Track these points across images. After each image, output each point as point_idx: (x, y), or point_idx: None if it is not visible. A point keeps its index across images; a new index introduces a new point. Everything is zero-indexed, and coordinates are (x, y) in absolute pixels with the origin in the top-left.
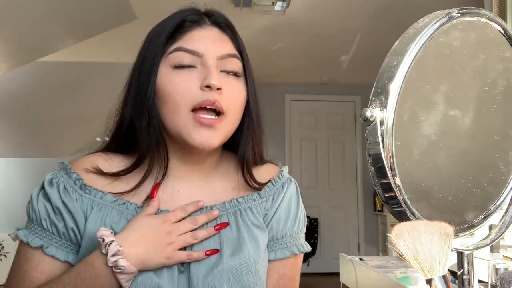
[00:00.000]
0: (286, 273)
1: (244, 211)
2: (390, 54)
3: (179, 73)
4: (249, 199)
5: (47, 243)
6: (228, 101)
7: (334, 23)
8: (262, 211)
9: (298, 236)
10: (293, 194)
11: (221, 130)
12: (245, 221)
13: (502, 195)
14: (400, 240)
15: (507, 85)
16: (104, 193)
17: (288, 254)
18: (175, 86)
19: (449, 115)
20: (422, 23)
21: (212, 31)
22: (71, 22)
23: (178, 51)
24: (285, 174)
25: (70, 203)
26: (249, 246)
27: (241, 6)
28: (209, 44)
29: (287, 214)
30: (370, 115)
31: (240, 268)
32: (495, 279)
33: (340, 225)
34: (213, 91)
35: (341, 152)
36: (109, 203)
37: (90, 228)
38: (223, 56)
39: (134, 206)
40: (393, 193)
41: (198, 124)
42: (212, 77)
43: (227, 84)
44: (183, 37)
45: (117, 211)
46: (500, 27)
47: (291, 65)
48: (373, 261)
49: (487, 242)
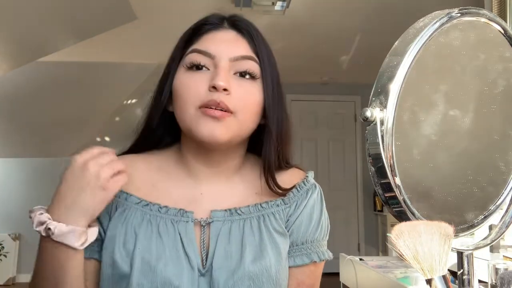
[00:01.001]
0: (305, 281)
1: (267, 216)
2: (390, 54)
3: (192, 74)
4: (273, 205)
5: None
6: (238, 103)
7: (334, 23)
8: (285, 217)
9: (320, 244)
10: (317, 201)
11: (228, 125)
12: (267, 227)
13: (502, 195)
14: (400, 240)
15: (507, 85)
16: (128, 194)
17: (307, 261)
18: (186, 87)
19: (449, 115)
20: (422, 23)
21: (228, 33)
22: (71, 22)
23: (192, 52)
24: (310, 180)
25: None
26: (270, 253)
27: (241, 6)
28: (221, 46)
29: (309, 220)
30: (370, 115)
31: (261, 275)
32: (495, 279)
33: (340, 225)
34: (219, 92)
35: (341, 152)
36: (133, 204)
37: (112, 228)
38: (237, 58)
39: (157, 207)
40: (393, 193)
41: (204, 116)
42: (219, 78)
43: (239, 86)
44: (199, 39)
45: (140, 212)
46: (500, 27)
47: (291, 65)
48: (373, 261)
49: (487, 242)
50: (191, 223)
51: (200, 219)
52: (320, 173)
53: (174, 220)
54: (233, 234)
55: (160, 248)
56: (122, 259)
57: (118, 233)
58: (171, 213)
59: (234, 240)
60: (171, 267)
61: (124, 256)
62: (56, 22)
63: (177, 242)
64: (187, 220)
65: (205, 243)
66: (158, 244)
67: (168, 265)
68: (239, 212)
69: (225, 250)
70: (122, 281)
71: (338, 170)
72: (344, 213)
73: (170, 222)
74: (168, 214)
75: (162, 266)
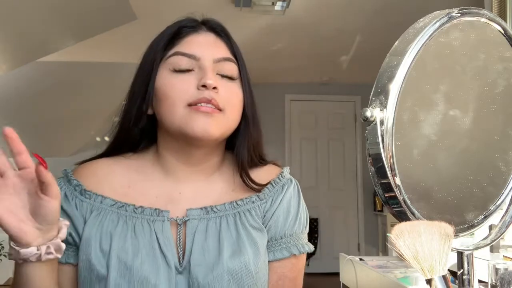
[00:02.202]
0: (286, 274)
1: (243, 213)
2: (390, 54)
3: (177, 75)
4: (248, 201)
5: None
6: (225, 100)
7: (334, 23)
8: (261, 213)
9: (299, 237)
10: (293, 194)
11: (219, 121)
12: (244, 224)
13: (502, 195)
14: (400, 240)
15: (507, 85)
16: (103, 197)
17: (287, 255)
18: (172, 86)
19: (449, 115)
20: (422, 23)
21: (208, 36)
22: (71, 22)
23: (176, 55)
24: (285, 175)
25: (69, 208)
26: (248, 249)
27: (241, 6)
28: (205, 48)
29: (286, 215)
30: (370, 115)
31: (240, 271)
32: (495, 279)
33: (340, 225)
34: (209, 89)
35: (341, 152)
36: (108, 206)
37: (87, 231)
38: (219, 59)
39: (132, 207)
40: (393, 193)
41: (196, 113)
42: (208, 77)
43: (223, 85)
44: (180, 42)
45: (116, 214)
46: (500, 27)
47: (291, 65)
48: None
49: (487, 242)
50: (167, 222)
51: (176, 218)
52: (320, 173)
53: (150, 219)
54: (210, 231)
55: (136, 248)
56: (98, 261)
57: (93, 235)
58: (147, 213)
59: (211, 237)
60: (147, 265)
61: (100, 257)
62: (56, 22)
63: (153, 241)
64: (163, 220)
65: (182, 241)
66: (133, 244)
67: (144, 264)
68: (215, 210)
69: (202, 247)
70: (100, 283)
71: (338, 170)
72: (344, 213)
73: (146, 222)
74: (144, 214)
75: (138, 265)
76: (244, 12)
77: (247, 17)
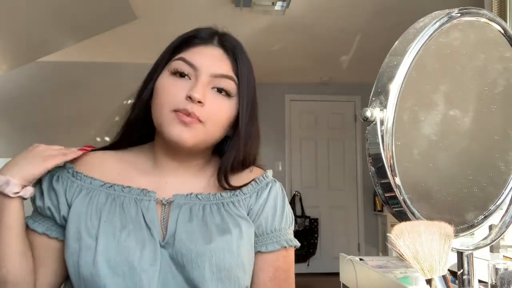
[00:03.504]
0: (280, 266)
1: (226, 204)
2: (390, 54)
3: (174, 80)
4: (232, 195)
5: (32, 220)
6: (209, 114)
7: (334, 23)
8: (246, 206)
9: (286, 232)
10: (279, 193)
11: (196, 131)
12: (228, 212)
13: (502, 195)
14: (400, 240)
15: (507, 85)
16: (93, 178)
17: (278, 247)
18: (166, 90)
19: (449, 115)
20: (422, 23)
21: (215, 50)
22: (71, 22)
23: (178, 60)
24: (268, 176)
25: (57, 187)
26: (232, 231)
27: (241, 6)
28: (207, 61)
29: (274, 211)
30: (370, 115)
31: (223, 249)
32: (495, 279)
33: (340, 225)
34: (193, 102)
35: (341, 152)
36: (97, 187)
37: (77, 207)
38: (217, 75)
39: (120, 187)
40: (393, 193)
41: (175, 120)
42: (195, 90)
43: (214, 99)
44: (188, 50)
45: (104, 193)
46: (500, 27)
47: (291, 65)
48: (373, 261)
49: (487, 242)
50: (153, 202)
51: (162, 198)
52: (320, 173)
53: (138, 199)
54: (194, 213)
55: (124, 221)
56: (87, 232)
57: (84, 211)
58: (134, 192)
59: (195, 219)
60: (133, 236)
61: (90, 228)
62: (56, 22)
63: (139, 217)
64: (149, 199)
65: (165, 220)
66: (121, 218)
67: (130, 235)
68: (199, 197)
69: (185, 226)
70: (88, 252)
71: (338, 170)
72: (344, 213)
73: (133, 200)
74: (131, 194)
75: (125, 236)
76: (244, 12)
77: (247, 17)
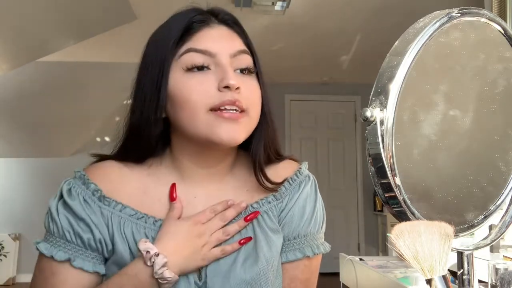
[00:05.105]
0: (298, 276)
1: (260, 216)
2: (390, 54)
3: (193, 75)
4: (265, 202)
5: (73, 255)
6: (248, 99)
7: (334, 23)
8: (278, 212)
9: (314, 237)
10: (310, 193)
11: (244, 125)
12: (262, 227)
13: (502, 195)
14: (400, 240)
15: (507, 85)
16: (123, 205)
17: (300, 256)
18: (191, 89)
19: (449, 115)
20: (422, 23)
21: (221, 29)
22: (71, 22)
23: (189, 52)
24: (303, 172)
25: (93, 215)
26: (266, 254)
27: (241, 6)
28: (220, 43)
29: (301, 214)
30: (370, 115)
31: (258, 279)
32: (495, 279)
33: (340, 225)
34: (232, 91)
35: (341, 152)
36: (128, 216)
37: (117, 239)
38: (235, 54)
39: (152, 219)
40: (393, 193)
41: (221, 119)
42: (230, 77)
43: (243, 82)
44: (192, 38)
45: (135, 225)
46: (500, 27)
47: (291, 65)
48: (373, 261)
49: (487, 242)
50: None
51: None
52: (320, 173)
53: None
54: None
55: None
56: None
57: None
58: None
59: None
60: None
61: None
62: (56, 22)
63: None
64: None
65: None
66: None
67: None
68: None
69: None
70: None
71: (338, 170)
72: (344, 213)
73: None
74: None
75: None
76: (244, 12)
77: (247, 17)
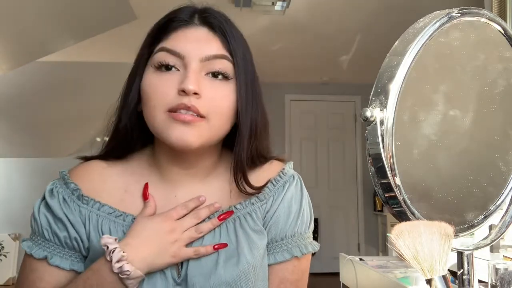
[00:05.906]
0: (287, 277)
1: (243, 217)
2: (390, 54)
3: (161, 75)
4: (248, 204)
5: (51, 253)
6: (209, 106)
7: (334, 23)
8: (262, 214)
9: (302, 237)
10: (296, 193)
11: (199, 130)
12: (244, 229)
13: (502, 195)
14: (400, 240)
15: (507, 85)
16: (101, 204)
17: (288, 257)
18: (154, 89)
19: (449, 115)
20: (422, 23)
21: (198, 31)
22: (71, 22)
23: (160, 51)
24: (287, 172)
25: (70, 214)
26: (247, 256)
27: (241, 6)
28: (192, 45)
29: (287, 215)
30: (370, 115)
31: (238, 280)
32: (495, 279)
33: (340, 225)
34: (189, 95)
35: (341, 152)
36: (106, 214)
37: (93, 237)
38: (208, 57)
39: (130, 217)
40: (393, 193)
41: (174, 121)
42: (188, 81)
43: (211, 88)
44: (168, 37)
45: (113, 223)
46: (500, 27)
47: (291, 65)
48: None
49: (487, 242)
50: None
51: None
52: (320, 173)
53: None
54: (207, 239)
55: None
56: None
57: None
58: None
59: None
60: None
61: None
62: (56, 22)
63: None
64: None
65: None
66: None
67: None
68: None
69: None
70: None
71: (338, 170)
72: (344, 213)
73: None
74: None
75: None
76: (244, 12)
77: (247, 17)
